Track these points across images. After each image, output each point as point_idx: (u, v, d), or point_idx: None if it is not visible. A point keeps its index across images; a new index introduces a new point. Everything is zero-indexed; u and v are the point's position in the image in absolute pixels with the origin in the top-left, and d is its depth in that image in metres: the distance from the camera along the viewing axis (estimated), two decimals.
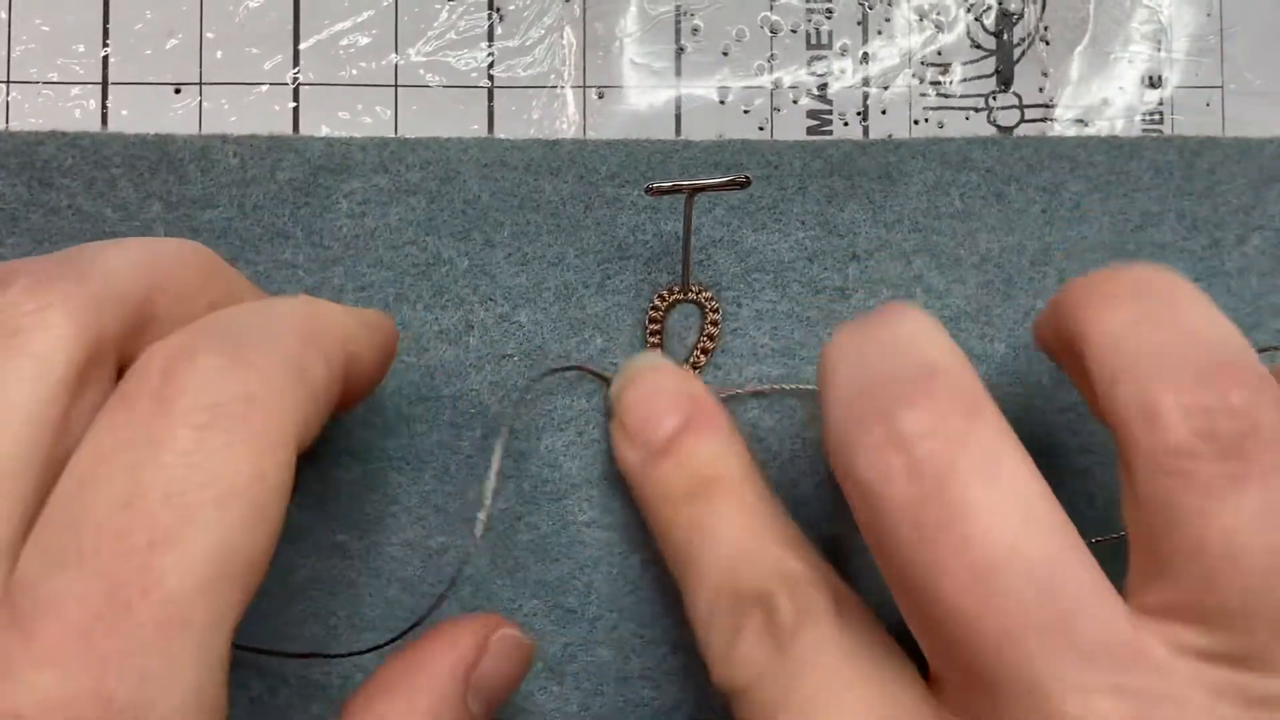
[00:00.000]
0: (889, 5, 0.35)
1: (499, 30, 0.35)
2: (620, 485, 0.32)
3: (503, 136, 0.34)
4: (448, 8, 0.35)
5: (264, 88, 0.34)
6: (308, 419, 0.23)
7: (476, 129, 0.34)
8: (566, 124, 0.34)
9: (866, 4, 0.35)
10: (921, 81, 0.35)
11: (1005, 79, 0.35)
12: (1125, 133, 0.35)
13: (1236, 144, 0.34)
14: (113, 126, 0.34)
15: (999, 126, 0.35)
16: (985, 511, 0.21)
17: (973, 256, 0.34)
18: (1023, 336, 0.33)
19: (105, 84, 0.34)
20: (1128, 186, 0.34)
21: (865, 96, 0.35)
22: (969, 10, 0.35)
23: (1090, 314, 0.24)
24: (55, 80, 0.34)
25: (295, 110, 0.34)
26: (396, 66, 0.34)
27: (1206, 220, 0.34)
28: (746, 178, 0.30)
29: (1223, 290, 0.34)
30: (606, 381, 0.32)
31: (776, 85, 0.35)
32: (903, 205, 0.34)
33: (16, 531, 0.21)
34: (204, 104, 0.34)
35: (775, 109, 0.35)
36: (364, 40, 0.34)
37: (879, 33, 0.35)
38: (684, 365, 0.32)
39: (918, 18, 0.35)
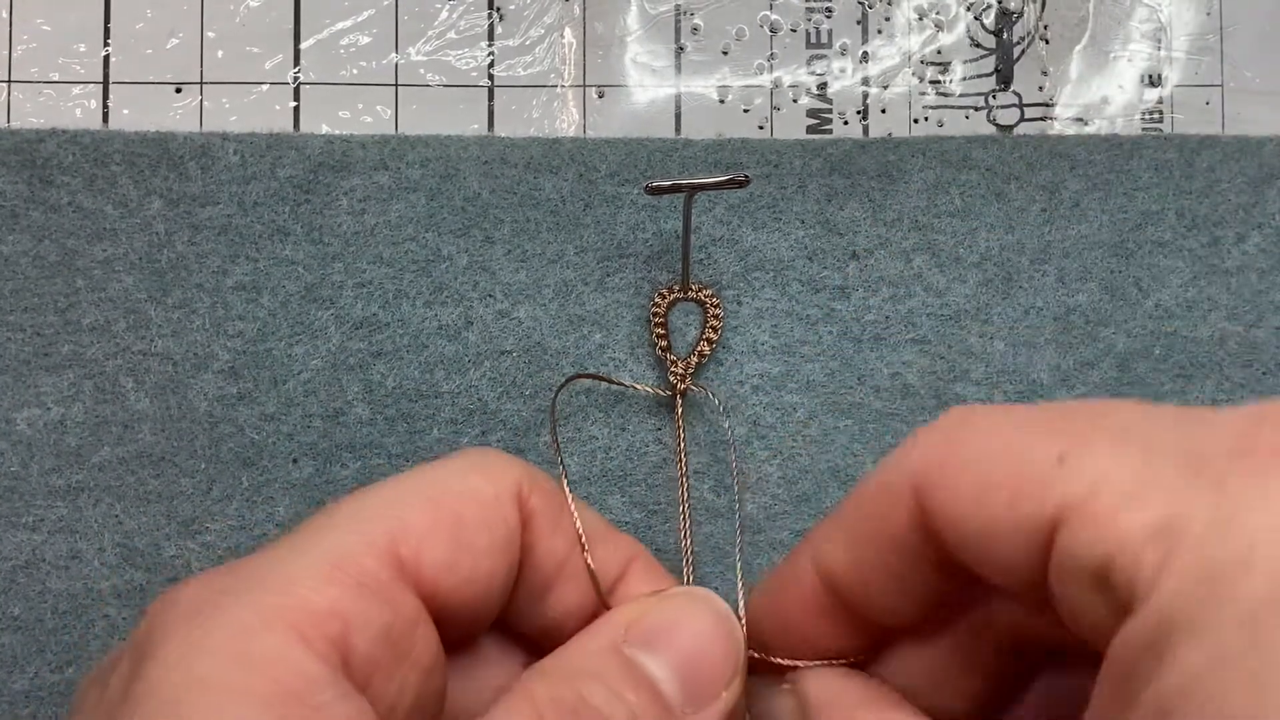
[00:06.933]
0: (889, 4, 0.35)
1: (499, 29, 0.35)
2: (618, 481, 0.32)
3: (503, 135, 0.34)
4: (448, 7, 0.35)
5: (265, 87, 0.34)
6: None
7: (476, 128, 0.34)
8: (566, 123, 0.35)
9: (866, 3, 0.35)
10: (921, 80, 0.35)
11: (1005, 78, 0.35)
12: (1125, 131, 0.35)
13: (1236, 142, 0.34)
14: (113, 126, 0.34)
15: (999, 125, 0.35)
16: None
17: (973, 255, 0.34)
18: (1022, 334, 0.33)
19: (106, 83, 0.34)
20: (1127, 185, 0.34)
21: (865, 95, 0.35)
22: (969, 9, 0.35)
23: None
24: (56, 80, 0.34)
25: (296, 110, 0.34)
26: (397, 66, 0.34)
27: (1206, 218, 0.34)
28: (746, 176, 0.30)
29: (1222, 288, 0.34)
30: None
31: (776, 84, 0.35)
32: (903, 204, 0.34)
33: None
34: (205, 103, 0.34)
35: (775, 108, 0.35)
36: (364, 39, 0.34)
37: (879, 32, 0.35)
38: (688, 359, 0.32)
39: (917, 17, 0.35)
